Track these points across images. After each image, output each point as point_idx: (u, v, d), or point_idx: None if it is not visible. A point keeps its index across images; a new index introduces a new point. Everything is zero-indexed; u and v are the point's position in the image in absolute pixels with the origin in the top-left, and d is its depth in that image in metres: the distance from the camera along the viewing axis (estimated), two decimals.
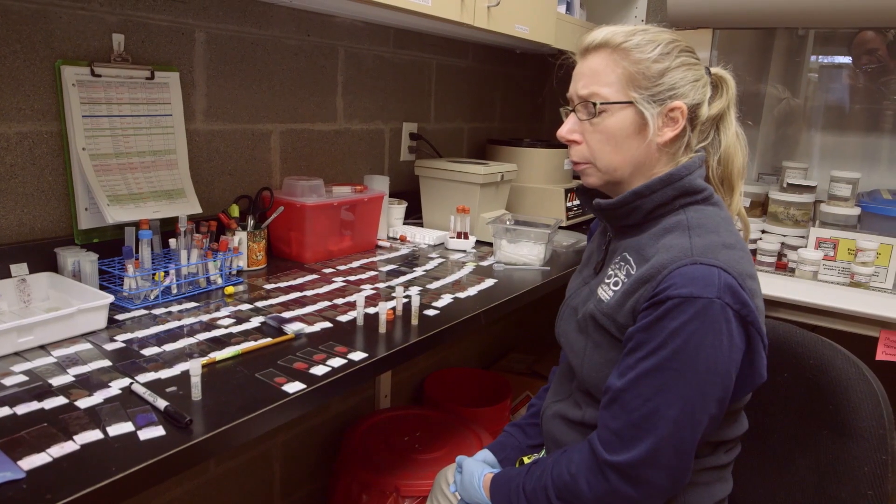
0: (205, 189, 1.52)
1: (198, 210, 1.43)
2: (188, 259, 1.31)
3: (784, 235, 2.01)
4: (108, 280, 1.27)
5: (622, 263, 0.97)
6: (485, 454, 1.18)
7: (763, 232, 2.06)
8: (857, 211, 1.89)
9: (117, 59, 1.30)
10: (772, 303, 1.75)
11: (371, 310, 1.26)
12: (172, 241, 1.32)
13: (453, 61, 2.28)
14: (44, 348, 1.03)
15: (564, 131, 1.02)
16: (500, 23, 1.63)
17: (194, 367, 0.89)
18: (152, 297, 1.26)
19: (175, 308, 1.24)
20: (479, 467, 1.11)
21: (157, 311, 1.21)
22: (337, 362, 1.03)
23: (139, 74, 1.33)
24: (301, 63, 1.70)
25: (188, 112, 1.45)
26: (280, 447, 1.82)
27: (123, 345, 1.06)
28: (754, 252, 1.96)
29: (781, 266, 1.97)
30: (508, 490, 1.02)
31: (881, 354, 1.64)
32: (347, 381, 1.00)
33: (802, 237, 1.97)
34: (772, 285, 1.78)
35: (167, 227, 1.38)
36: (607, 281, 0.99)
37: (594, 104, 0.97)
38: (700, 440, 0.89)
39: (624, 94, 0.96)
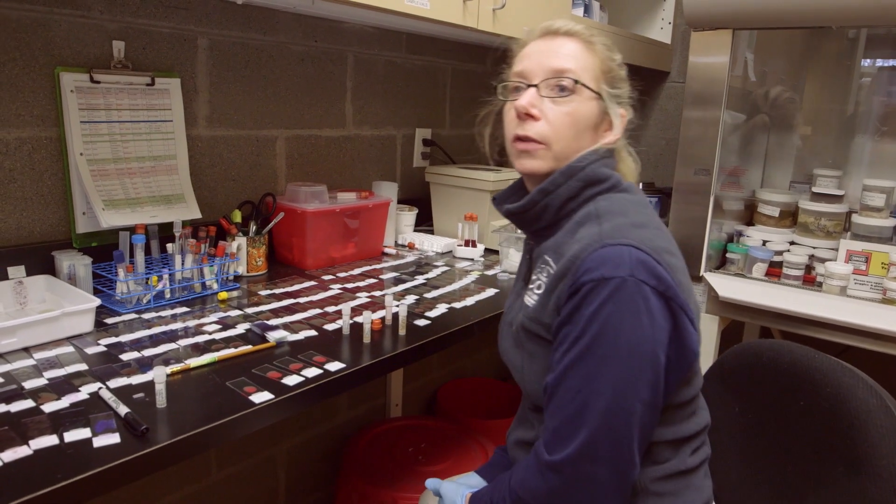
0: (207, 194, 1.53)
1: (197, 215, 1.44)
2: (182, 264, 1.31)
3: (814, 248, 1.90)
4: (105, 284, 1.28)
5: (543, 266, 0.95)
6: (467, 478, 1.13)
7: (792, 244, 1.96)
8: (891, 222, 1.78)
9: (117, 65, 1.32)
10: (796, 319, 1.66)
11: (360, 319, 1.24)
12: (170, 246, 1.33)
13: (471, 66, 2.25)
14: (27, 350, 1.04)
15: (525, 102, 0.94)
16: (507, 26, 1.60)
17: (158, 374, 0.88)
18: (145, 301, 1.26)
19: (166, 313, 1.24)
20: (459, 490, 1.07)
21: (147, 316, 1.22)
22: (312, 372, 1.01)
23: (139, 81, 1.35)
24: (308, 69, 1.70)
25: (190, 118, 1.46)
26: (285, 454, 1.81)
27: (105, 349, 1.06)
28: (780, 265, 1.87)
29: (810, 280, 1.86)
30: None
31: None
32: (318, 392, 0.97)
33: (834, 249, 1.86)
34: (794, 300, 1.68)
35: (168, 233, 1.39)
36: (531, 287, 0.96)
37: (574, 81, 0.93)
38: (648, 432, 0.85)
39: (596, 85, 0.95)
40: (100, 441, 0.79)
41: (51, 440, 0.79)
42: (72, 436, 0.80)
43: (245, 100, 1.57)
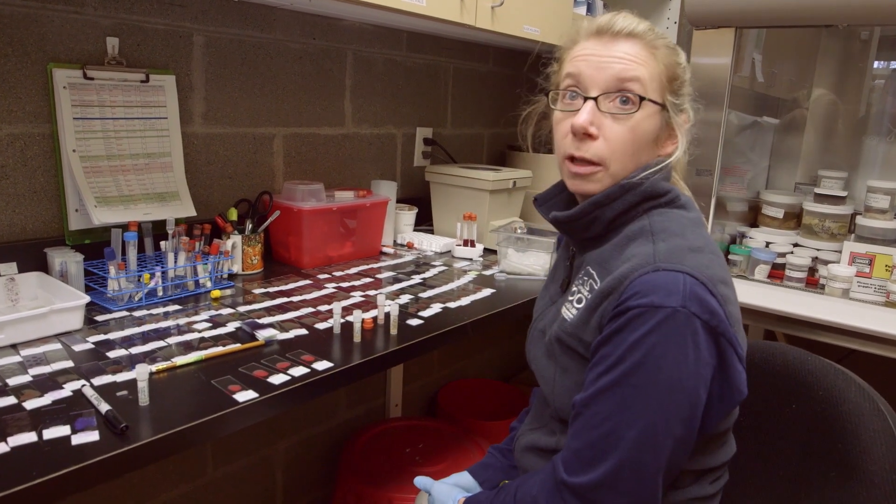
0: (203, 192, 1.52)
1: (191, 213, 1.43)
2: (175, 262, 1.30)
3: (818, 249, 1.87)
4: (98, 281, 1.28)
5: (585, 278, 0.90)
6: (458, 478, 1.11)
7: (795, 245, 1.93)
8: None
9: (111, 62, 1.31)
10: (798, 322, 1.63)
11: (351, 318, 1.22)
12: (163, 244, 1.32)
13: (473, 66, 2.23)
14: (14, 347, 1.03)
15: (586, 121, 0.86)
16: (506, 24, 1.58)
17: (141, 372, 0.87)
18: (136, 298, 1.26)
19: (158, 310, 1.23)
20: (451, 492, 1.05)
21: (138, 314, 1.21)
22: (298, 371, 1.00)
23: (133, 77, 1.34)
24: (306, 67, 1.69)
25: (186, 115, 1.45)
26: (282, 454, 1.80)
27: (93, 346, 1.06)
28: (783, 266, 1.84)
29: (813, 282, 1.83)
30: None
31: None
32: (304, 391, 0.96)
33: (838, 251, 1.83)
34: (796, 303, 1.65)
35: (163, 230, 1.38)
36: (571, 299, 0.91)
37: (640, 97, 0.86)
38: (675, 467, 0.81)
39: (660, 95, 0.88)
40: (78, 439, 0.78)
41: (29, 437, 0.78)
42: (51, 433, 0.79)
43: (242, 97, 1.57)
